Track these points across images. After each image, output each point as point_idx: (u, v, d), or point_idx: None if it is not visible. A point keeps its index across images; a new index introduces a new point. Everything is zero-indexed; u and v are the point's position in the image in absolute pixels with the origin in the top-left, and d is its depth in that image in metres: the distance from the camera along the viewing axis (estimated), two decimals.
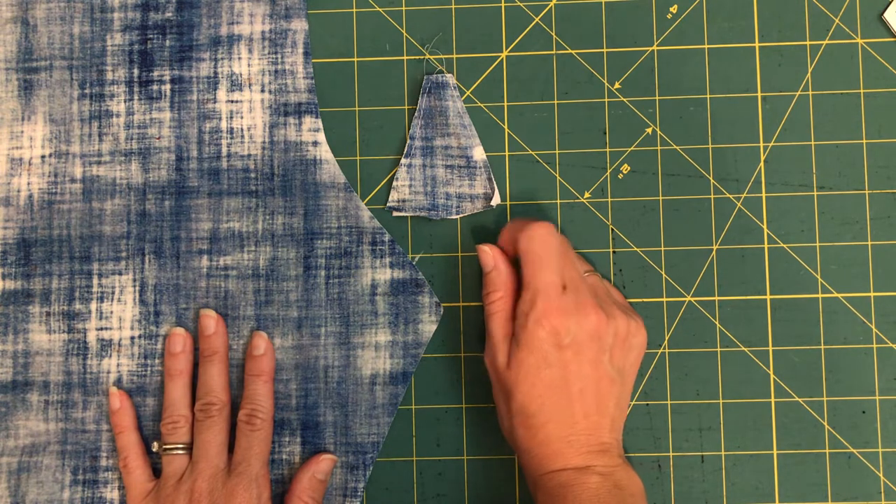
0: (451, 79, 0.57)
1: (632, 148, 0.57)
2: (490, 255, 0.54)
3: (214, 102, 0.57)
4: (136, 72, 0.58)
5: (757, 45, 0.57)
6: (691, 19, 0.58)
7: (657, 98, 0.57)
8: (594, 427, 0.50)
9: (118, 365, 0.57)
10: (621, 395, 0.51)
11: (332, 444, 0.56)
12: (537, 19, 0.58)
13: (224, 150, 0.57)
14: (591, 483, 0.49)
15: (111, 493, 0.56)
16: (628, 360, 0.52)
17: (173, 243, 0.57)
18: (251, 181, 0.57)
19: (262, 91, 0.57)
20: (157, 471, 0.55)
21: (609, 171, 0.57)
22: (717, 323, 0.56)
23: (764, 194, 0.57)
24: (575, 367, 0.50)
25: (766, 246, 0.57)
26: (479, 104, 0.58)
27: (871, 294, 0.56)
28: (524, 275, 0.52)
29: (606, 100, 0.57)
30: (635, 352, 0.52)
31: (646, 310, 0.57)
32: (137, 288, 0.57)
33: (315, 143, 0.57)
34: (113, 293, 0.57)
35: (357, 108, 0.58)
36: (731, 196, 0.57)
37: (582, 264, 0.54)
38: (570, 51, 0.58)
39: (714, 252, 0.57)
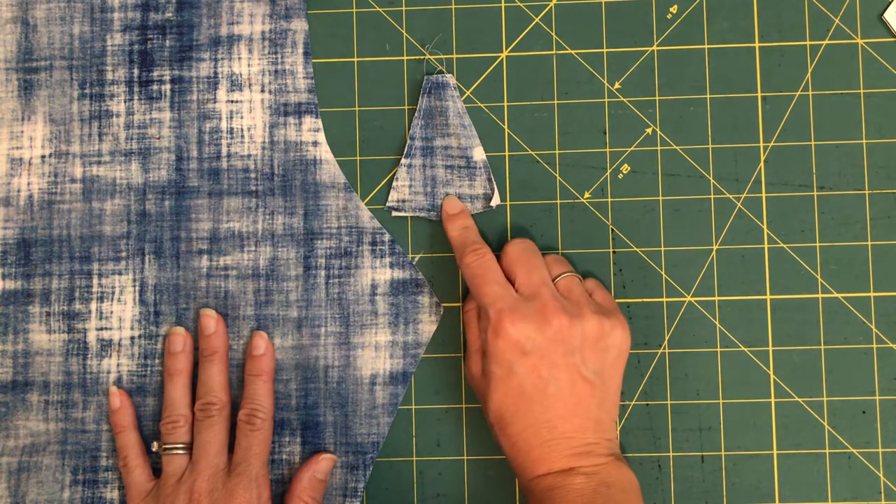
0: (451, 79, 0.57)
1: (632, 148, 0.57)
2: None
3: (214, 102, 0.57)
4: (136, 72, 0.58)
5: (757, 45, 0.57)
6: (691, 19, 0.58)
7: (657, 98, 0.57)
8: (576, 430, 0.50)
9: (118, 365, 0.57)
10: (604, 397, 0.51)
11: (332, 444, 0.56)
12: (537, 19, 0.58)
13: (224, 150, 0.57)
14: (576, 484, 0.49)
15: (111, 493, 0.56)
16: (605, 360, 0.51)
17: (173, 243, 0.57)
18: (251, 181, 0.57)
19: (262, 91, 0.57)
20: (157, 470, 0.55)
21: (609, 171, 0.57)
22: (717, 323, 0.56)
23: (764, 194, 0.57)
24: (545, 371, 0.50)
25: (766, 246, 0.57)
26: (479, 104, 0.58)
27: (871, 294, 0.56)
28: (473, 295, 0.53)
29: (606, 100, 0.57)
30: (612, 352, 0.51)
31: (646, 310, 0.57)
32: (137, 288, 0.57)
33: (315, 143, 0.57)
34: (113, 293, 0.57)
35: (357, 108, 0.58)
36: (731, 196, 0.57)
37: (559, 267, 0.54)
38: (570, 51, 0.58)
39: (714, 252, 0.57)
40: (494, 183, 0.56)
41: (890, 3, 0.57)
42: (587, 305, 0.52)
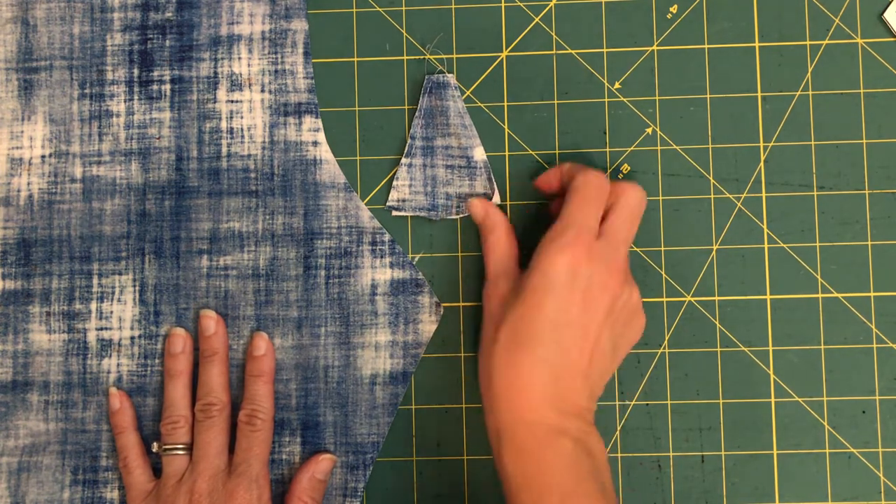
0: (451, 79, 0.57)
1: (632, 148, 0.57)
2: (479, 206, 0.55)
3: (214, 102, 0.57)
4: (136, 72, 0.58)
5: (757, 45, 0.57)
6: (691, 19, 0.58)
7: (657, 98, 0.57)
8: (576, 388, 0.49)
9: (118, 365, 0.57)
10: (605, 370, 0.51)
11: (332, 444, 0.56)
12: (537, 19, 0.58)
13: (224, 150, 0.57)
14: (567, 448, 0.48)
15: (111, 493, 0.56)
16: (626, 335, 0.52)
17: (173, 243, 0.57)
18: (251, 181, 0.57)
19: (262, 91, 0.57)
20: (157, 471, 0.55)
21: (609, 171, 0.57)
22: (717, 323, 0.56)
23: (764, 194, 0.57)
24: (577, 314, 0.49)
25: (766, 246, 0.57)
26: (480, 104, 0.58)
27: (871, 294, 0.56)
28: (564, 207, 0.51)
29: (606, 100, 0.57)
30: (634, 330, 0.52)
31: (646, 310, 0.57)
32: (137, 288, 0.57)
33: (315, 143, 0.57)
34: (113, 293, 0.57)
35: (357, 108, 0.58)
36: (731, 196, 0.57)
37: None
38: (570, 51, 0.58)
39: (714, 252, 0.57)
40: (495, 183, 0.56)
41: (890, 3, 0.57)
42: (637, 288, 0.52)
